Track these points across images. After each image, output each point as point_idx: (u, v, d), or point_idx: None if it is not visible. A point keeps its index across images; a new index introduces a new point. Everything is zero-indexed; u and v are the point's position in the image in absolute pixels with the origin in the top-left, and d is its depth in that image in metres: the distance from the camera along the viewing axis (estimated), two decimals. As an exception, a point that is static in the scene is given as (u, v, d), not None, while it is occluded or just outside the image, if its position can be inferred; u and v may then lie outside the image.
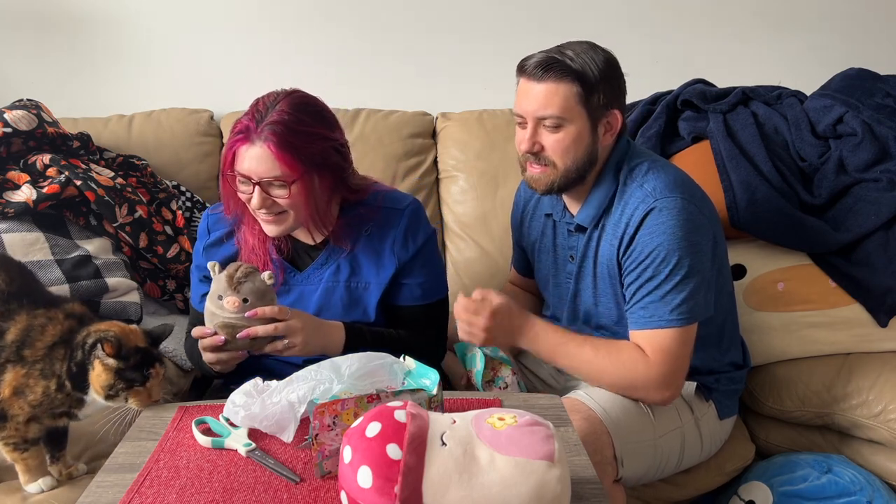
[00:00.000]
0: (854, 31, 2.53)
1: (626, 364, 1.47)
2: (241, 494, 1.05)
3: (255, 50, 2.41)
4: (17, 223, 1.80)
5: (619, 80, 1.50)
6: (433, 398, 1.16)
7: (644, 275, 1.46)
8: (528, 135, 1.48)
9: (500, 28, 2.46)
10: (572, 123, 1.46)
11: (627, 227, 1.48)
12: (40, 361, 1.21)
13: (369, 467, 0.92)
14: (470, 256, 2.26)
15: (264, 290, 1.34)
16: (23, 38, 2.38)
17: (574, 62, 1.43)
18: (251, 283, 1.32)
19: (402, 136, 2.31)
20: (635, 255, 1.47)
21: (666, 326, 1.45)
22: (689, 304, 1.45)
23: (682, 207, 1.45)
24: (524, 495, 0.92)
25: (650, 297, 1.46)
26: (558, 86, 1.43)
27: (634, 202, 1.48)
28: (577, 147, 1.48)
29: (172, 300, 2.07)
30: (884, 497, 1.68)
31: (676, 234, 1.43)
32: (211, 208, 1.62)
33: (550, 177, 1.51)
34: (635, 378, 1.48)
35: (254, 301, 1.32)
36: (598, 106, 1.46)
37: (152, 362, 1.23)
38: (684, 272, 1.44)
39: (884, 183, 1.93)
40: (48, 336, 1.23)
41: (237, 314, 1.32)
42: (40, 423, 1.25)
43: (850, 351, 1.94)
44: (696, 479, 1.75)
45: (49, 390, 1.21)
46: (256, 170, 1.37)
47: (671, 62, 2.47)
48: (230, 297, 1.31)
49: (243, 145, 1.37)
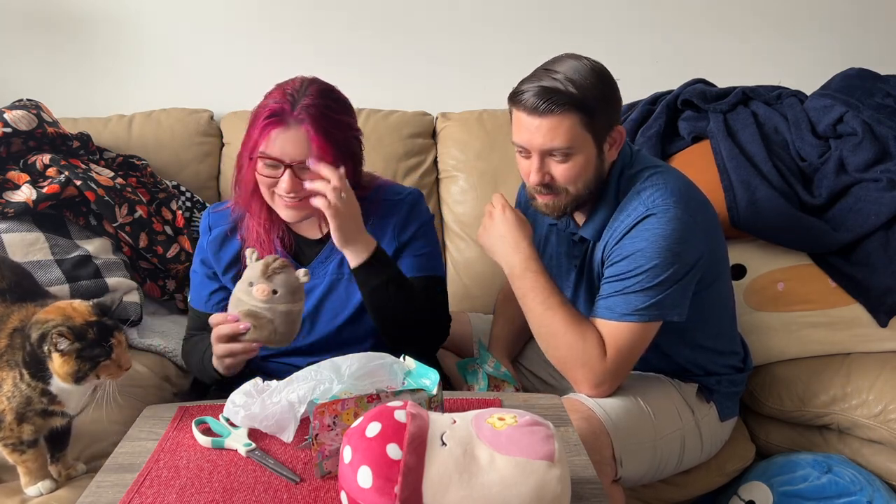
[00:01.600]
0: (854, 31, 2.53)
1: (585, 346, 1.45)
2: (241, 494, 1.05)
3: (255, 50, 2.41)
4: (17, 223, 1.80)
5: (615, 93, 1.47)
6: (433, 398, 1.16)
7: (616, 273, 1.46)
8: (536, 167, 1.45)
9: (501, 28, 2.46)
10: (580, 151, 1.43)
11: (615, 233, 1.48)
12: (5, 352, 1.19)
13: (369, 467, 0.92)
14: (470, 256, 2.26)
15: (296, 286, 1.30)
16: (23, 38, 2.38)
17: (570, 88, 1.39)
18: (285, 276, 1.29)
19: (402, 136, 2.31)
20: (614, 255, 1.47)
21: (618, 320, 1.44)
22: (650, 309, 1.44)
23: (673, 217, 1.43)
24: (524, 495, 0.92)
25: (614, 293, 1.45)
26: (562, 119, 1.40)
27: (629, 211, 1.47)
28: (588, 171, 1.46)
29: (172, 300, 2.07)
30: (884, 497, 1.68)
31: (659, 242, 1.42)
32: (212, 207, 1.61)
33: (563, 202, 1.49)
34: (586, 361, 1.46)
35: (283, 294, 1.28)
36: (601, 127, 1.44)
37: (111, 332, 1.18)
38: (657, 280, 1.43)
39: (884, 183, 1.93)
40: (10, 325, 1.21)
41: (265, 303, 1.27)
42: (32, 424, 1.23)
43: (850, 351, 1.93)
44: (696, 479, 1.75)
45: (17, 381, 1.19)
46: (291, 153, 1.36)
47: (671, 62, 2.47)
48: (261, 285, 1.27)
49: (277, 128, 1.36)
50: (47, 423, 1.25)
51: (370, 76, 2.45)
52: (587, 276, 1.59)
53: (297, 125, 1.36)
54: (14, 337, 1.20)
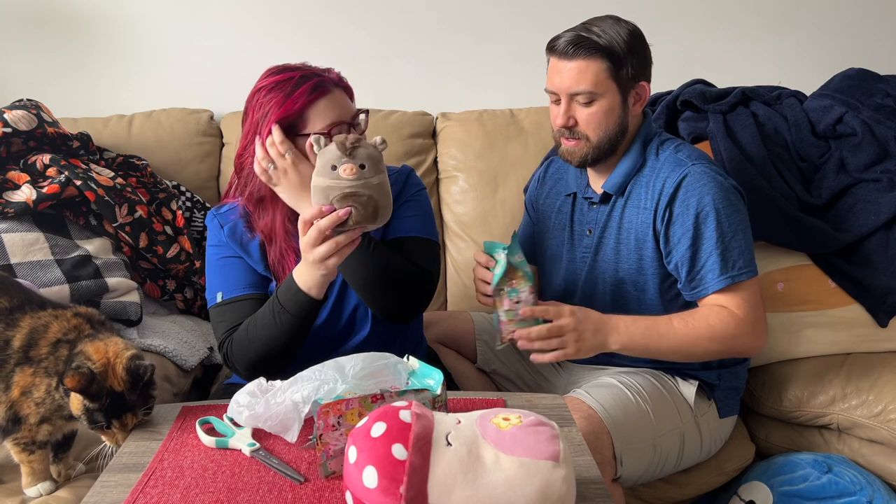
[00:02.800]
0: (854, 31, 2.53)
1: (718, 324, 1.50)
2: (245, 495, 1.05)
3: (255, 50, 2.40)
4: (17, 223, 1.80)
5: (645, 51, 1.57)
6: (437, 398, 1.16)
7: (699, 240, 1.51)
8: (563, 110, 1.55)
9: (501, 28, 2.46)
10: (604, 97, 1.52)
11: (663, 191, 1.53)
12: (45, 359, 1.21)
13: (374, 467, 0.92)
14: (470, 256, 2.25)
15: (378, 156, 1.26)
16: (23, 38, 2.37)
17: (601, 38, 1.50)
18: (365, 149, 1.24)
19: (402, 136, 2.31)
20: (681, 220, 1.52)
21: (741, 280, 1.51)
22: (746, 257, 1.52)
23: (716, 173, 1.53)
24: (529, 495, 0.92)
25: (712, 260, 1.51)
26: (588, 62, 1.50)
27: (669, 167, 1.55)
28: (609, 119, 1.54)
29: (172, 300, 2.07)
30: (884, 497, 1.68)
31: (717, 194, 1.50)
32: (214, 209, 1.58)
33: (584, 149, 1.57)
34: (734, 333, 1.51)
35: (371, 167, 1.23)
36: (627, 79, 1.53)
37: (124, 412, 1.18)
38: (733, 229, 1.50)
39: (884, 183, 1.94)
40: (52, 333, 1.22)
41: (357, 181, 1.22)
42: (52, 425, 1.24)
43: (850, 351, 1.94)
44: (696, 479, 1.75)
45: (51, 388, 1.20)
46: (341, 115, 1.41)
47: (671, 62, 2.47)
48: (346, 164, 1.22)
49: (322, 97, 1.40)
50: (70, 424, 1.25)
51: (370, 76, 2.45)
52: (610, 236, 1.63)
53: (337, 90, 1.42)
54: (59, 347, 1.21)
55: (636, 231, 1.59)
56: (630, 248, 1.60)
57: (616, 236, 1.62)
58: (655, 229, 1.56)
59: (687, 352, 1.53)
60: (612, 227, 1.63)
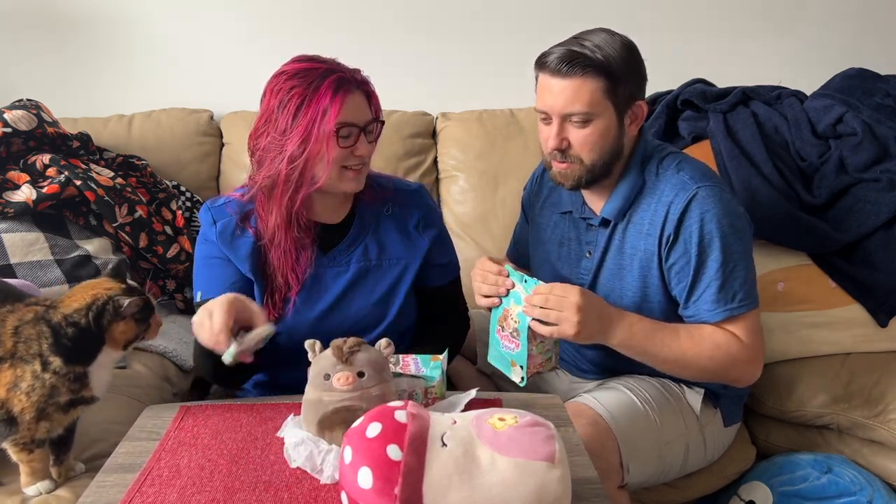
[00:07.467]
0: (854, 31, 2.53)
1: (724, 345, 1.44)
2: (241, 494, 1.05)
3: (255, 50, 2.40)
4: (17, 223, 1.80)
5: (640, 67, 1.46)
6: (430, 388, 1.15)
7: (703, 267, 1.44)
8: (555, 132, 1.44)
9: (501, 28, 2.46)
10: (600, 118, 1.41)
11: (668, 217, 1.45)
12: (15, 349, 1.19)
13: (370, 468, 0.92)
14: (470, 256, 2.24)
15: (381, 362, 1.12)
16: (23, 38, 2.38)
17: (596, 54, 1.39)
18: (366, 354, 1.10)
19: (402, 136, 2.31)
20: (685, 246, 1.44)
21: (740, 313, 1.45)
22: (746, 288, 1.45)
23: (723, 194, 1.45)
24: (525, 496, 0.92)
25: (712, 289, 1.44)
26: (584, 81, 1.39)
27: (672, 189, 1.45)
28: (605, 141, 1.44)
29: (172, 300, 2.07)
30: (884, 497, 1.67)
31: (722, 220, 1.42)
32: (209, 202, 1.53)
33: (577, 172, 1.46)
34: (736, 357, 1.45)
35: (371, 375, 1.09)
36: (624, 98, 1.42)
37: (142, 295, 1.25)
38: (735, 259, 1.43)
39: (884, 183, 1.93)
40: (9, 325, 1.21)
41: (351, 392, 1.08)
42: (50, 420, 1.23)
43: (850, 351, 1.93)
44: (696, 482, 1.74)
45: (38, 373, 1.18)
46: (353, 117, 1.37)
47: (671, 62, 2.47)
48: (342, 373, 1.08)
49: (348, 94, 1.37)
50: (68, 416, 1.24)
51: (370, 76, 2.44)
52: (611, 260, 1.55)
53: (359, 90, 1.39)
54: (24, 330, 1.20)
55: (640, 259, 1.50)
56: (634, 276, 1.52)
57: (617, 261, 1.54)
58: (660, 256, 1.48)
59: (683, 365, 1.46)
60: (612, 251, 1.54)
